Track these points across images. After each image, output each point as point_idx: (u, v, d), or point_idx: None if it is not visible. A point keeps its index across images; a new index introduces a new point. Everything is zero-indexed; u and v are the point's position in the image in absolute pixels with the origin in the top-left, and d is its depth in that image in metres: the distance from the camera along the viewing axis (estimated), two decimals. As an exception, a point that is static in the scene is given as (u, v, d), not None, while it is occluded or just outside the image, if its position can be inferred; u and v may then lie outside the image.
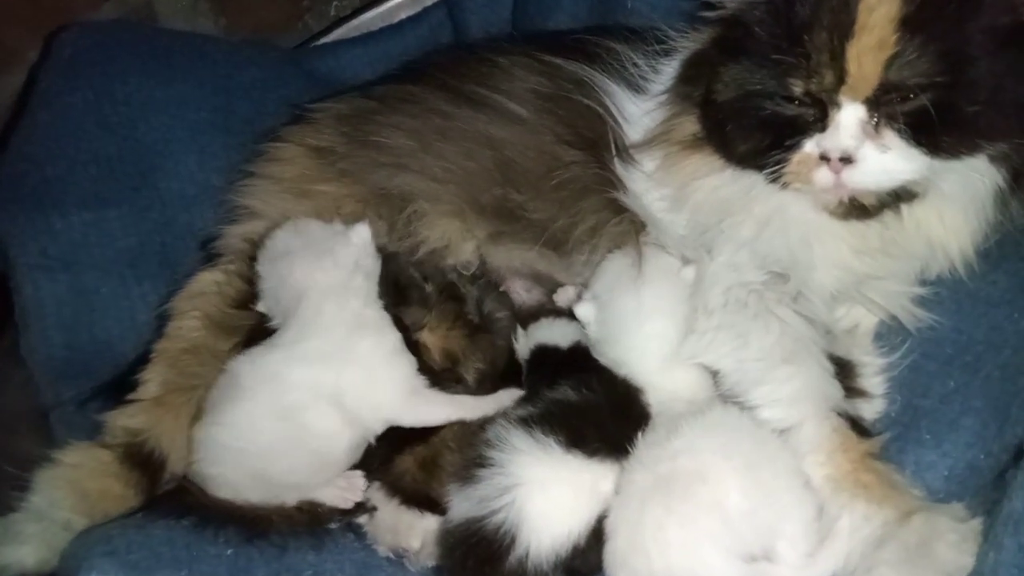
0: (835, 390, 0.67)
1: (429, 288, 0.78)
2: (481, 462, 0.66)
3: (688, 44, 0.81)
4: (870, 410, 0.70)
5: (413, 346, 0.77)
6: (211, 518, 0.72)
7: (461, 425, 0.76)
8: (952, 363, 0.68)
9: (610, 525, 0.62)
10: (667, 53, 0.82)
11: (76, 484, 0.74)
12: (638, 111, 0.80)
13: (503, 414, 0.72)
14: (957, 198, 0.67)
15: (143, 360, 0.87)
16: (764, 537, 0.58)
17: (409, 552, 0.74)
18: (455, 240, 0.80)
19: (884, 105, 0.61)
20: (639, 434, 0.68)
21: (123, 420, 0.79)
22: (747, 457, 0.60)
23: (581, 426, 0.67)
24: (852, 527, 0.59)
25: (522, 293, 0.86)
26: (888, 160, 0.61)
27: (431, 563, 0.73)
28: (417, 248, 0.79)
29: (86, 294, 0.91)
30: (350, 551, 0.74)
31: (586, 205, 0.77)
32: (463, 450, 0.74)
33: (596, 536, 0.63)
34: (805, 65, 0.62)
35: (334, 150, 0.85)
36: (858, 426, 0.66)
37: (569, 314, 0.80)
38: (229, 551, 0.71)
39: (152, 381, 0.81)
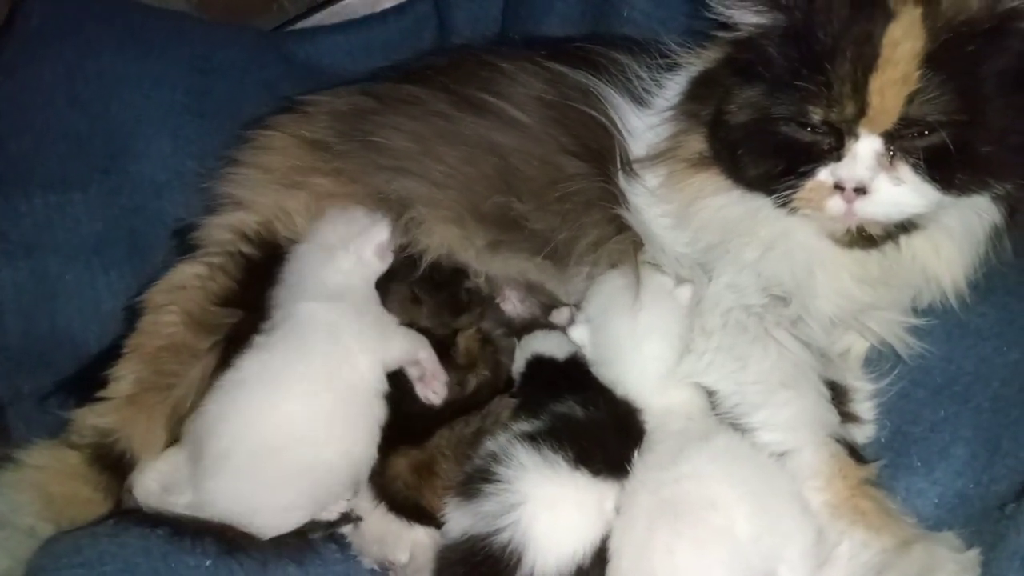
0: (832, 415, 0.69)
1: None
2: (486, 477, 0.65)
3: (693, 60, 0.81)
4: (861, 435, 0.72)
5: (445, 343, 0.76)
6: (186, 527, 0.69)
7: (455, 432, 0.75)
8: (942, 392, 0.70)
9: (613, 546, 0.62)
10: (670, 68, 0.82)
11: (41, 487, 0.70)
12: (641, 125, 0.80)
13: (504, 427, 0.71)
14: (955, 232, 0.69)
15: (110, 354, 0.82)
16: (768, 561, 0.58)
17: (396, 565, 0.72)
18: (455, 247, 0.78)
19: (901, 139, 0.62)
20: (636, 453, 0.68)
21: (92, 419, 0.74)
22: (752, 484, 0.61)
23: (587, 444, 0.66)
24: (851, 553, 0.60)
25: (516, 304, 0.84)
26: (901, 193, 0.63)
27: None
28: (420, 256, 0.77)
29: (48, 281, 0.85)
30: (332, 563, 0.72)
31: (589, 219, 0.77)
32: (458, 458, 0.73)
33: (599, 557, 0.63)
34: (826, 94, 0.62)
35: (330, 145, 0.81)
36: (855, 452, 0.67)
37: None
38: (208, 562, 0.67)
39: (124, 378, 0.76)
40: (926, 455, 0.68)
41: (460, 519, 0.66)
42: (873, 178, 0.62)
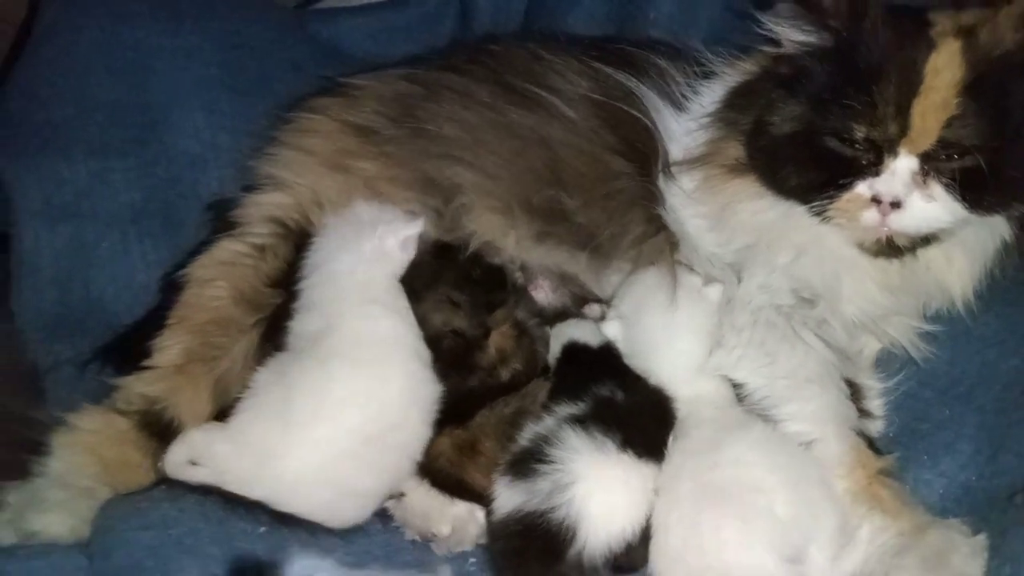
0: (851, 410, 0.74)
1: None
2: (539, 457, 0.69)
3: (728, 71, 0.86)
4: (873, 429, 0.77)
5: (475, 344, 0.78)
6: (237, 495, 0.71)
7: (496, 412, 0.78)
8: (947, 393, 0.76)
9: (658, 524, 0.67)
10: (705, 75, 0.87)
11: (96, 451, 0.71)
12: (679, 129, 0.84)
13: (547, 409, 0.75)
14: (968, 245, 0.75)
15: (146, 324, 0.84)
16: (801, 541, 0.64)
17: (438, 537, 0.76)
18: (498, 236, 0.81)
19: (935, 160, 0.67)
20: (671, 438, 0.73)
21: (141, 387, 0.75)
22: (788, 471, 0.66)
23: (629, 427, 0.71)
24: (871, 536, 0.66)
25: (548, 293, 0.88)
26: (931, 209, 0.68)
27: (459, 549, 0.75)
28: (467, 242, 0.80)
29: (85, 248, 0.85)
30: (375, 534, 0.75)
31: (631, 217, 0.81)
32: (499, 437, 0.77)
33: (644, 534, 0.68)
34: (871, 113, 0.67)
35: (376, 131, 0.83)
36: (872, 444, 0.73)
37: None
38: (261, 529, 0.70)
39: (171, 348, 0.78)
40: (932, 450, 0.74)
41: (512, 496, 0.69)
42: (908, 194, 0.68)
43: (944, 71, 0.65)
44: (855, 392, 0.78)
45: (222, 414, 0.77)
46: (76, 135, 0.84)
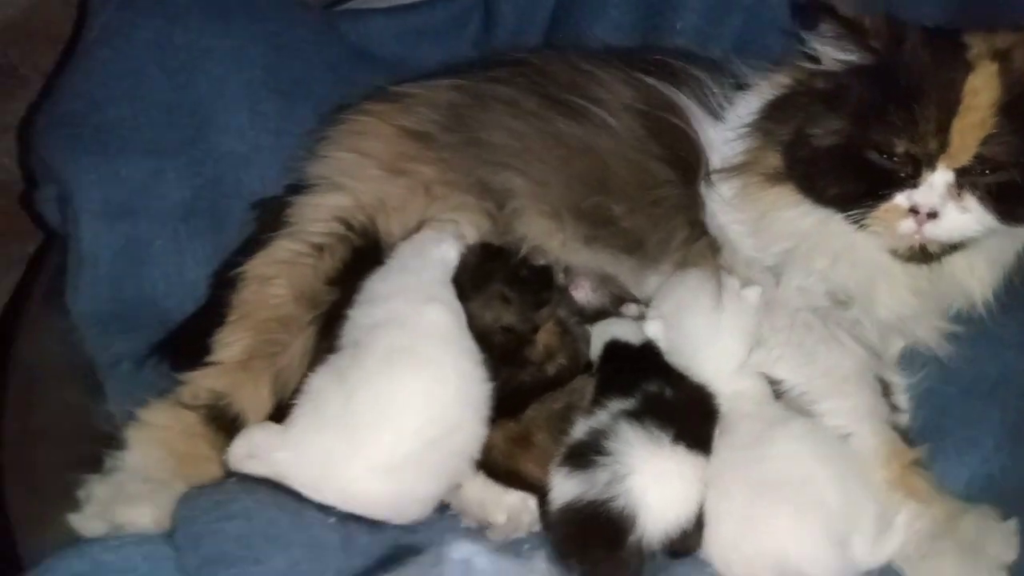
0: (884, 405, 0.80)
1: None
2: (598, 450, 0.73)
3: (761, 82, 0.90)
4: (900, 422, 0.83)
5: (525, 340, 0.82)
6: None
7: (546, 406, 0.81)
8: (970, 391, 0.81)
9: (711, 513, 0.71)
10: (739, 87, 0.91)
11: (169, 445, 0.73)
12: (717, 138, 0.88)
13: (598, 404, 0.79)
14: (990, 252, 0.81)
15: (203, 320, 0.87)
16: (847, 528, 0.69)
17: (494, 525, 0.79)
18: (545, 239, 0.85)
19: (970, 174, 0.72)
20: (716, 432, 0.78)
21: (207, 382, 0.78)
22: (834, 463, 0.71)
23: (681, 422, 0.75)
24: (907, 522, 0.71)
25: (588, 293, 0.92)
26: (965, 219, 0.73)
27: (515, 535, 0.79)
28: (517, 245, 0.84)
29: (140, 246, 0.87)
30: (433, 521, 0.77)
31: (676, 222, 0.85)
32: (551, 430, 0.80)
33: (698, 521, 0.72)
34: (912, 130, 0.72)
35: (432, 137, 0.87)
36: (905, 437, 0.78)
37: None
38: (332, 519, 0.73)
39: (234, 344, 0.80)
40: (956, 443, 0.79)
41: (570, 486, 0.73)
42: (943, 205, 0.73)
43: (982, 92, 0.70)
44: (884, 388, 0.83)
45: (281, 408, 0.80)
46: (132, 135, 0.86)
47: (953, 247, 0.77)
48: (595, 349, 0.86)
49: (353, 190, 0.86)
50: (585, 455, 0.74)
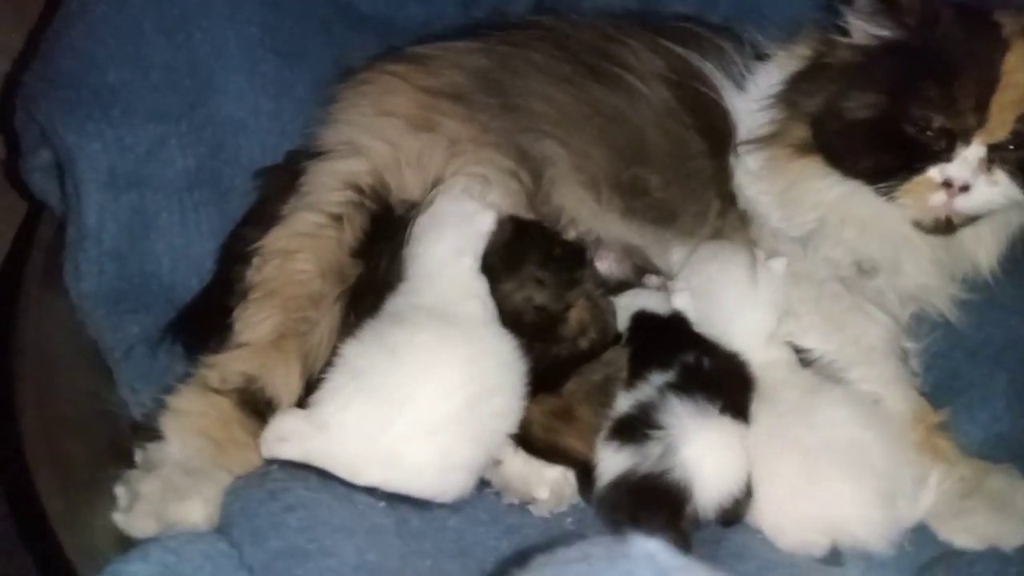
0: (908, 370, 0.83)
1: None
2: (648, 423, 0.73)
3: (780, 52, 0.90)
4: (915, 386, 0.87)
5: (558, 318, 0.80)
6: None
7: (585, 379, 0.81)
8: (977, 354, 0.86)
9: (762, 480, 0.73)
10: (758, 56, 0.91)
11: (208, 433, 0.69)
12: (742, 109, 0.88)
13: (640, 377, 0.78)
14: (996, 222, 0.84)
15: (213, 298, 0.81)
16: (894, 489, 0.72)
17: (537, 501, 0.79)
18: (582, 211, 0.83)
19: (1002, 149, 0.75)
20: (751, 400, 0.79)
21: (238, 364, 0.73)
22: (876, 427, 0.74)
23: (725, 392, 0.76)
24: (938, 482, 0.75)
25: (612, 265, 0.91)
26: (994, 192, 0.76)
27: (558, 511, 0.78)
28: (551, 216, 0.82)
29: (147, 219, 0.80)
30: (478, 498, 0.76)
31: (710, 195, 0.85)
32: (592, 404, 0.80)
33: (748, 489, 0.73)
34: (951, 106, 0.74)
35: (464, 96, 0.83)
36: (929, 401, 0.82)
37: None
38: (382, 503, 0.70)
39: (263, 323, 0.76)
40: (967, 403, 0.83)
41: (620, 460, 0.73)
42: (975, 179, 0.76)
43: (1020, 69, 0.73)
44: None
45: (309, 389, 0.77)
46: (135, 98, 0.78)
47: (973, 219, 0.81)
48: (622, 320, 0.86)
49: (369, 151, 0.81)
50: (635, 428, 0.74)
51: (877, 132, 0.78)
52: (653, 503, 0.71)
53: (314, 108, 0.92)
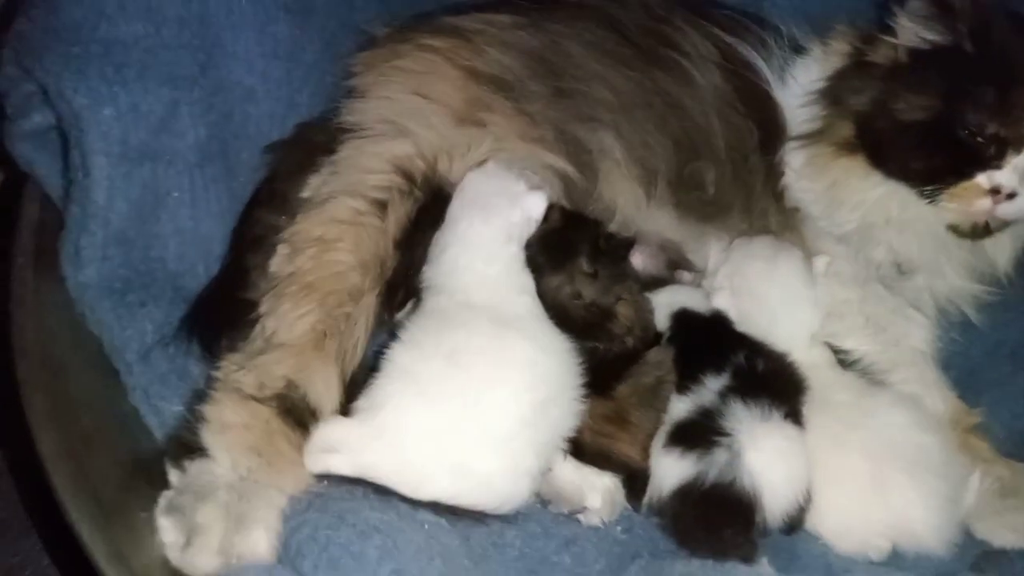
0: (941, 373, 0.84)
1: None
2: (713, 429, 0.71)
3: (817, 48, 0.89)
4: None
5: (607, 315, 0.76)
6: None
7: (636, 382, 0.77)
8: (994, 354, 0.89)
9: (824, 485, 0.72)
10: (796, 49, 0.90)
11: (256, 449, 0.61)
12: (786, 103, 0.87)
13: (698, 381, 0.76)
14: (1016, 226, 0.87)
15: (230, 288, 0.72)
16: (953, 491, 0.72)
17: (590, 510, 0.75)
18: (631, 206, 0.79)
19: (1050, 158, 0.77)
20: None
21: (279, 368, 0.65)
22: (934, 430, 0.75)
23: (784, 396, 0.74)
24: (979, 482, 0.77)
25: (646, 260, 0.88)
26: (1036, 201, 0.78)
27: (609, 519, 0.75)
28: (607, 211, 0.77)
29: (157, 198, 0.70)
30: (529, 510, 0.72)
31: (761, 190, 0.83)
32: (644, 407, 0.77)
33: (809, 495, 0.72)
34: (1007, 114, 0.74)
35: (511, 84, 0.77)
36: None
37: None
38: (443, 520, 0.65)
39: (301, 321, 0.68)
40: (988, 402, 0.86)
41: (682, 468, 0.71)
42: (1022, 187, 0.77)
43: (1068, 81, 0.74)
44: (928, 355, 0.89)
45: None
46: (149, 58, 0.67)
47: (1007, 224, 0.83)
48: (661, 319, 0.83)
49: (417, 139, 0.74)
50: (699, 435, 0.72)
51: (929, 135, 0.78)
52: (724, 513, 0.69)
53: (325, 76, 0.84)
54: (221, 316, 0.71)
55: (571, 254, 0.78)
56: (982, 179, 0.78)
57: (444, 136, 0.75)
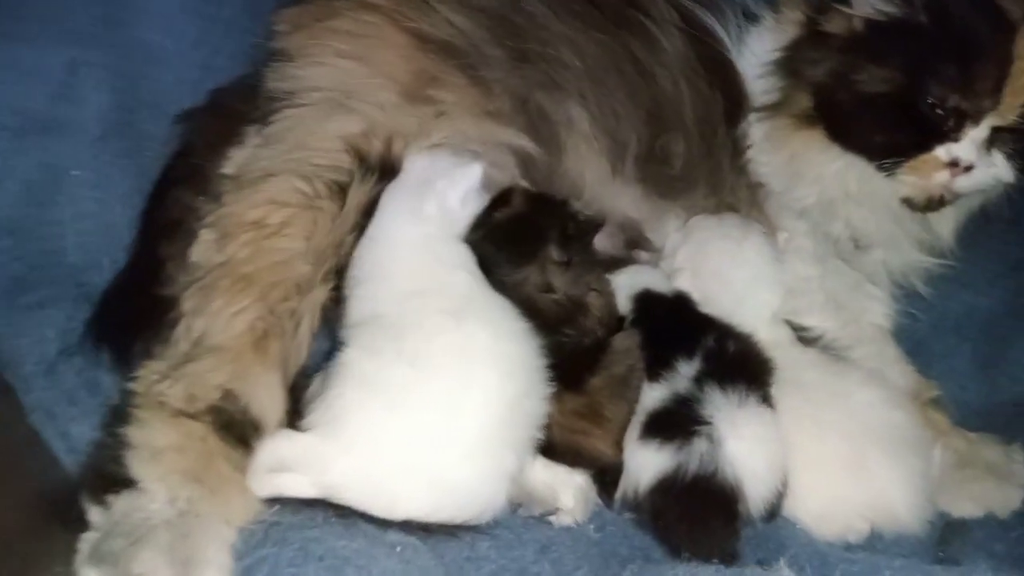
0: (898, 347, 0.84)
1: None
2: (691, 418, 0.67)
3: (769, 16, 0.86)
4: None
5: (579, 307, 0.71)
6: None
7: (608, 373, 0.73)
8: (939, 326, 0.90)
9: (803, 468, 0.69)
10: (748, 17, 0.86)
11: (195, 475, 0.52)
12: (744, 72, 0.83)
13: (668, 368, 0.72)
14: (961, 200, 0.88)
15: (142, 284, 0.62)
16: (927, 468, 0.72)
17: (563, 510, 0.70)
18: (597, 182, 0.74)
19: (1004, 131, 0.76)
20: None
21: (213, 375, 0.55)
22: (905, 407, 0.74)
23: (757, 379, 0.72)
24: (941, 455, 0.77)
25: (605, 240, 0.83)
26: (991, 173, 0.77)
27: (582, 519, 0.70)
28: (573, 188, 0.71)
29: (55, 177, 0.57)
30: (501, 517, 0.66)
31: (727, 164, 0.79)
32: (619, 400, 0.72)
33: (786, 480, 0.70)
34: (969, 87, 0.73)
35: (466, 50, 0.69)
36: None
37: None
38: (413, 539, 0.58)
39: (239, 318, 0.59)
40: (935, 374, 0.86)
41: (661, 460, 0.67)
42: (979, 160, 0.77)
43: (1026, 56, 0.74)
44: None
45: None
46: (49, 11, 0.55)
47: (959, 197, 0.83)
48: (622, 301, 0.79)
49: (363, 113, 0.66)
50: (677, 425, 0.68)
51: (890, 108, 0.77)
52: (708, 506, 0.65)
53: (245, 35, 0.74)
54: (134, 317, 0.61)
55: (539, 242, 0.72)
56: (941, 152, 0.77)
57: (393, 116, 0.67)
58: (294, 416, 0.60)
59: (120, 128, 0.64)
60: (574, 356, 0.72)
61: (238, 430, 0.56)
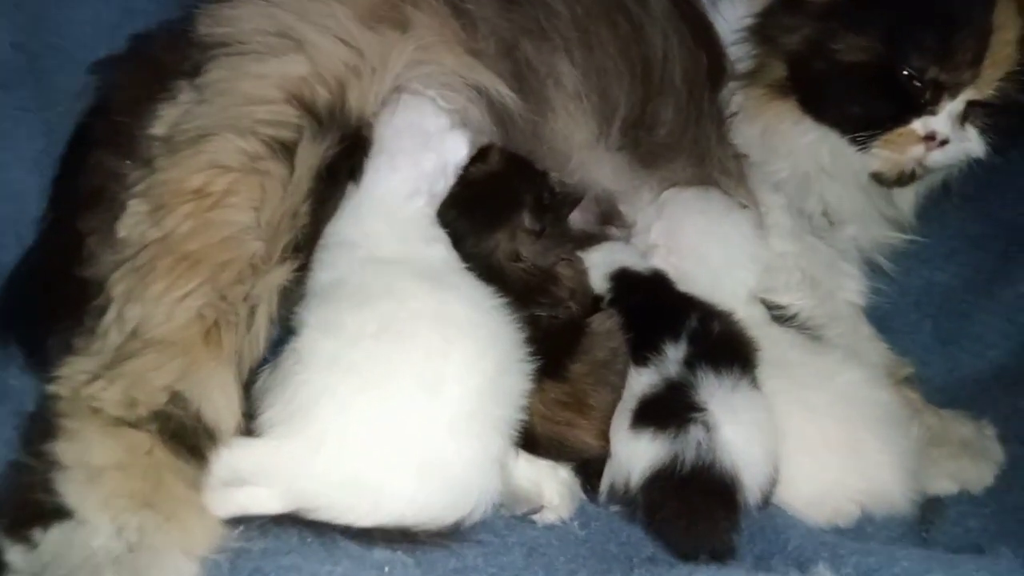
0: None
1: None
2: (686, 404, 0.63)
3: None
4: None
5: (548, 277, 0.65)
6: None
7: (590, 359, 0.67)
8: (900, 302, 0.89)
9: (795, 453, 0.66)
10: (720, -15, 0.82)
11: (143, 498, 0.42)
12: (723, 37, 0.79)
13: (656, 352, 0.67)
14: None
15: (54, 261, 0.52)
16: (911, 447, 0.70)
17: (547, 507, 0.64)
18: (578, 146, 0.67)
19: (979, 105, 0.75)
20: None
21: (156, 375, 0.46)
22: (887, 387, 0.72)
23: (747, 361, 0.68)
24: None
25: (577, 214, 0.77)
26: (965, 147, 0.76)
27: (566, 515, 0.65)
28: (555, 154, 0.64)
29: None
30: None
31: (711, 132, 0.74)
32: (603, 387, 0.67)
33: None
34: (949, 59, 0.71)
35: None
36: (894, 354, 0.83)
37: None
38: (399, 552, 0.50)
39: (183, 306, 0.49)
40: (899, 351, 0.85)
41: (656, 449, 0.62)
42: (954, 134, 0.76)
43: (1006, 26, 0.72)
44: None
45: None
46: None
47: (929, 172, 0.82)
48: (597, 280, 0.74)
49: (313, 49, 0.57)
50: (670, 412, 0.63)
51: (867, 78, 0.74)
52: (709, 499, 0.61)
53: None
54: (47, 303, 0.50)
55: (513, 207, 0.65)
56: (917, 125, 0.75)
57: (349, 45, 0.57)
58: (247, 419, 0.51)
59: (23, 77, 0.53)
60: (551, 336, 0.67)
61: (189, 439, 0.46)
